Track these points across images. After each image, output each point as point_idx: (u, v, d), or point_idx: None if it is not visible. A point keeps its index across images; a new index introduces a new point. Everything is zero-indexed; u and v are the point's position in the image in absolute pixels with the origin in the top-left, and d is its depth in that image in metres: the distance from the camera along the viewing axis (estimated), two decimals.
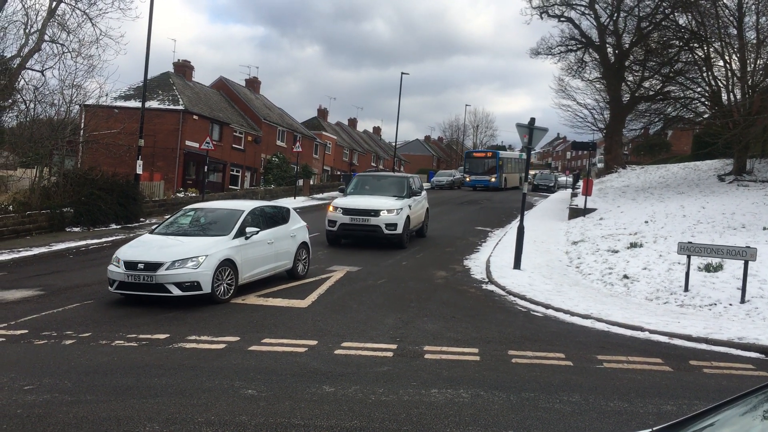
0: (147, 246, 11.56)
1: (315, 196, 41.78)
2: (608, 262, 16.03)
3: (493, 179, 50.26)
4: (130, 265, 10.90)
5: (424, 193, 21.24)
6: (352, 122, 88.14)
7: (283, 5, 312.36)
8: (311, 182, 48.59)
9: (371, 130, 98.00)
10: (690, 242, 13.09)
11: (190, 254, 10.99)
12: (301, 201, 36.04)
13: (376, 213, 18.00)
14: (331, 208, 18.77)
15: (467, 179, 52.17)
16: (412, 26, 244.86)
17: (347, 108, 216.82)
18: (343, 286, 13.16)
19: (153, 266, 10.79)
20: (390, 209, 17.98)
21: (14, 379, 6.99)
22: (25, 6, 22.92)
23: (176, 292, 10.76)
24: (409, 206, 18.80)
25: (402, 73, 56.49)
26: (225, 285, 11.45)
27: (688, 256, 12.80)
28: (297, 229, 14.77)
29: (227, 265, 11.46)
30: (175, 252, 11.10)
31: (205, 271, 10.92)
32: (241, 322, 9.93)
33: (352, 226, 18.21)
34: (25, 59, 21.68)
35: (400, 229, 18.07)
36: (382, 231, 17.90)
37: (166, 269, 10.72)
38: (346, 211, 18.28)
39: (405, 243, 18.54)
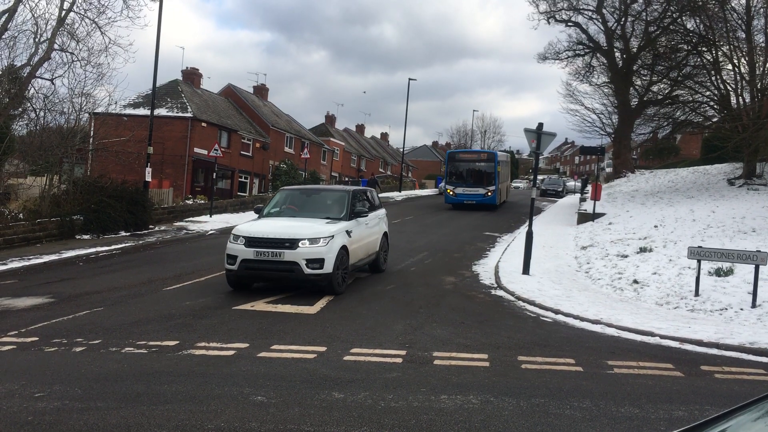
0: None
1: None
2: (618, 267, 15.96)
3: (488, 193, 35.55)
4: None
5: (381, 211, 16.00)
6: (360, 128, 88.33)
7: (290, 10, 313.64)
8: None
9: (379, 136, 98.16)
10: (700, 247, 13.03)
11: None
12: None
13: (292, 244, 12.12)
14: (231, 237, 12.82)
15: (449, 192, 36.63)
16: (421, 30, 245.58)
17: (355, 114, 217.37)
18: (352, 292, 13.15)
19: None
20: (314, 237, 12.22)
21: (25, 386, 7.02)
22: (35, 15, 23.10)
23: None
24: (348, 232, 13.11)
25: (409, 79, 56.51)
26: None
27: (699, 261, 12.74)
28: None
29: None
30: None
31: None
32: (251, 329, 9.94)
33: (258, 264, 12.29)
34: (35, 68, 21.83)
35: (328, 267, 12.19)
36: (302, 270, 12.04)
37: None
38: (250, 242, 12.33)
39: (339, 287, 12.61)
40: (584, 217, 26.40)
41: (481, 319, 11.14)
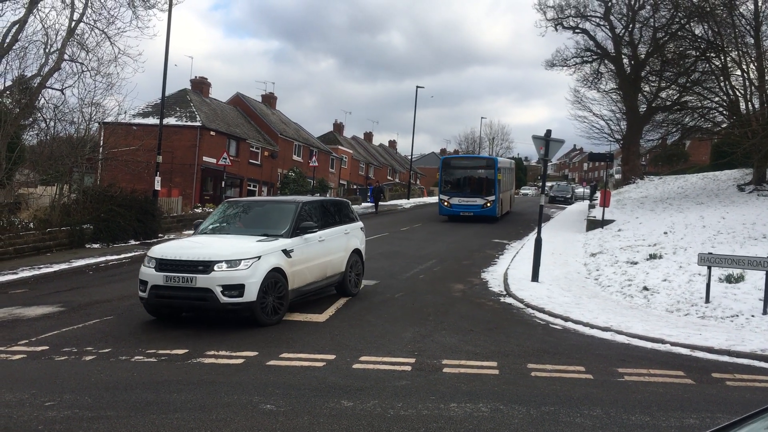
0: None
1: None
2: (627, 273, 15.89)
3: (487, 203, 32.09)
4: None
5: (351, 226, 13.85)
6: (368, 136, 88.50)
7: (298, 19, 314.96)
8: (327, 196, 48.77)
9: (387, 144, 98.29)
10: (710, 253, 12.95)
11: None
12: None
13: (206, 267, 10.15)
14: (145, 260, 11.03)
15: (443, 203, 33.10)
16: (428, 37, 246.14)
17: (363, 122, 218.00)
18: (361, 300, 13.15)
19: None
20: (233, 259, 10.21)
21: (35, 395, 7.05)
22: (45, 26, 23.30)
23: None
24: (286, 251, 11.08)
25: (417, 87, 56.54)
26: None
27: (709, 267, 12.67)
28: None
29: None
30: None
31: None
32: (259, 337, 9.95)
33: (168, 291, 10.34)
34: (45, 78, 22.01)
35: (250, 294, 10.21)
36: (217, 298, 10.07)
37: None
38: (161, 265, 10.45)
39: (266, 318, 10.58)
40: (593, 224, 26.31)
41: (490, 327, 11.11)
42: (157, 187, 25.77)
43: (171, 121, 39.98)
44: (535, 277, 15.47)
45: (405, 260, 19.13)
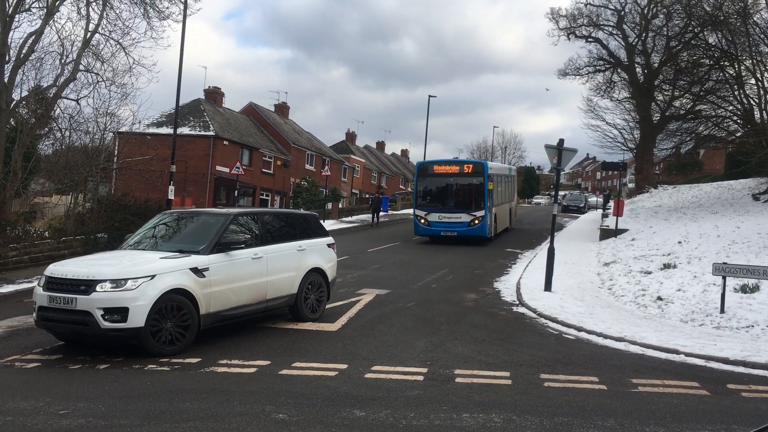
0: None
1: (344, 219, 41.96)
2: (641, 283, 15.80)
3: (475, 221, 26.29)
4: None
5: (311, 242, 12.30)
6: (380, 145, 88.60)
7: (310, 27, 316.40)
8: (340, 205, 48.77)
9: (399, 153, 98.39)
10: (725, 263, 12.86)
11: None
12: (330, 224, 36.17)
13: (87, 287, 9.11)
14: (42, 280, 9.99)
15: (419, 220, 27.20)
16: (441, 46, 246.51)
17: (375, 131, 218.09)
18: (373, 309, 13.15)
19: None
20: (118, 278, 9.12)
21: (50, 403, 7.09)
22: (61, 37, 23.52)
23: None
24: (198, 270, 9.81)
25: (429, 96, 56.63)
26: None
27: (724, 277, 12.57)
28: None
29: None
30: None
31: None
32: (272, 346, 9.97)
33: (51, 313, 9.37)
34: (61, 89, 22.23)
35: (136, 319, 9.01)
36: (97, 323, 8.96)
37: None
38: (48, 283, 9.56)
39: (160, 347, 9.30)
40: (607, 233, 26.18)
41: (503, 337, 11.08)
42: (171, 196, 25.91)
43: (185, 130, 40.25)
44: (548, 286, 15.42)
45: (417, 269, 19.12)
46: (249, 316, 11.03)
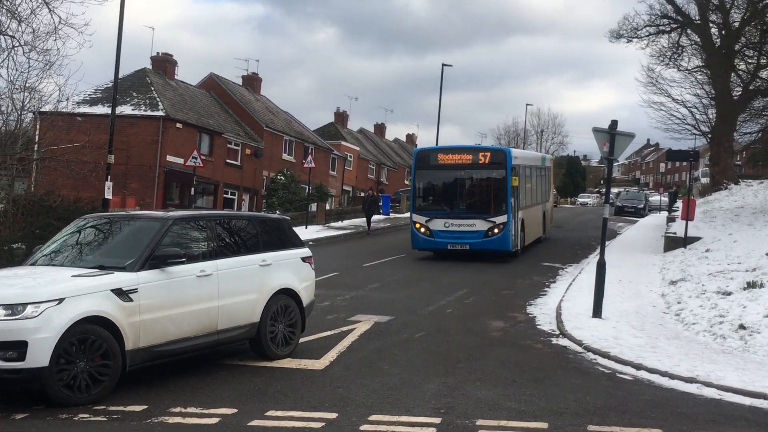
0: None
1: (332, 224, 41.98)
2: (718, 307, 15.80)
3: (495, 229, 24.78)
4: None
5: (279, 254, 12.11)
6: (379, 128, 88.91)
7: None
8: (327, 207, 48.81)
9: (404, 139, 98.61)
10: None
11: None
12: (314, 231, 36.23)
13: None
14: None
15: (418, 228, 25.65)
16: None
17: (373, 110, 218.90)
18: (371, 341, 13.15)
19: None
20: (15, 303, 8.87)
21: None
22: None
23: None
24: (123, 292, 9.54)
25: (443, 65, 56.57)
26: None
27: None
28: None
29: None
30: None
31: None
32: (239, 389, 9.96)
33: None
34: None
35: (38, 356, 8.70)
36: None
37: None
38: None
39: (64, 395, 8.98)
40: (673, 243, 26.19)
41: (539, 377, 11.08)
42: (108, 195, 25.93)
43: (126, 110, 40.26)
44: (597, 312, 15.41)
45: (427, 289, 19.13)
46: (194, 352, 10.71)
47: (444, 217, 25.35)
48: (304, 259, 12.62)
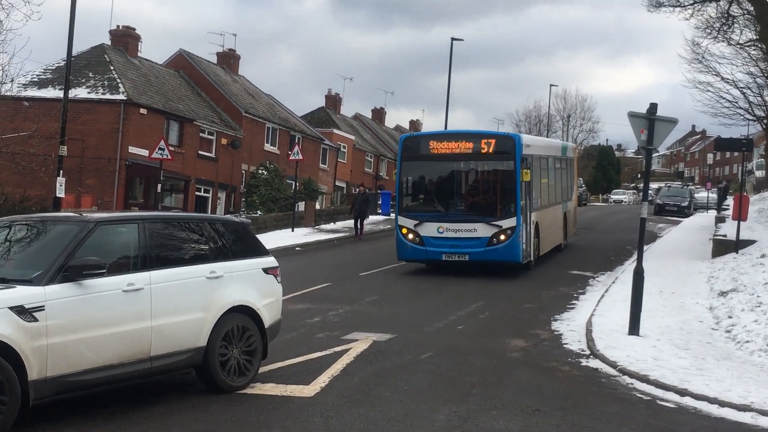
0: None
1: (323, 227, 41.99)
2: None
3: (501, 236, 23.30)
4: None
5: (233, 264, 11.68)
6: (378, 114, 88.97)
7: None
8: (317, 206, 48.70)
9: (407, 126, 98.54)
10: None
11: None
12: (301, 235, 36.20)
13: None
14: None
15: (407, 236, 24.18)
16: None
17: (370, 92, 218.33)
18: (369, 364, 13.16)
19: None
20: None
21: None
22: None
23: None
24: (23, 310, 8.92)
25: (452, 39, 56.53)
26: None
27: None
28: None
29: None
30: None
31: None
32: (215, 420, 9.95)
33: None
34: None
35: None
36: None
37: None
38: None
39: None
40: (723, 247, 26.19)
41: (567, 405, 11.08)
42: (60, 192, 25.89)
43: (81, 93, 40.20)
44: (634, 328, 15.41)
45: (434, 302, 19.13)
46: (119, 382, 10.18)
47: (437, 221, 24.05)
48: (266, 271, 12.20)
